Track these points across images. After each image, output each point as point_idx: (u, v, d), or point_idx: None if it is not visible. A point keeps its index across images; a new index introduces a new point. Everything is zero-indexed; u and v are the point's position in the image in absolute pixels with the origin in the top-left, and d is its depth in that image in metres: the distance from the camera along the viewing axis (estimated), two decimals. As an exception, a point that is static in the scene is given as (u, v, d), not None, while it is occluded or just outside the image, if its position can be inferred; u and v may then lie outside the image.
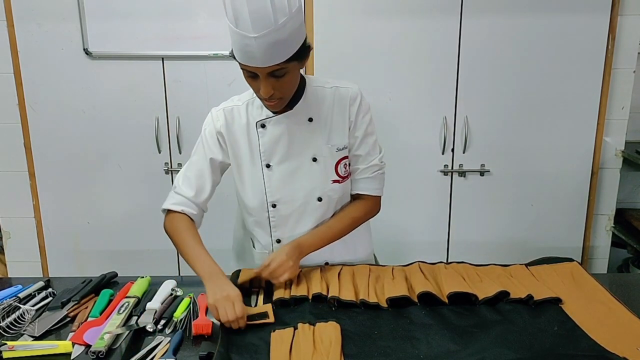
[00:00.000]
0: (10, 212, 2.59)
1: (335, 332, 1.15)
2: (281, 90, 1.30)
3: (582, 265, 1.50)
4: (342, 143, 1.44)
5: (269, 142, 1.42)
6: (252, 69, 1.25)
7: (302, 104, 1.41)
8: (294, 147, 1.43)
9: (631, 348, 1.09)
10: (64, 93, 2.43)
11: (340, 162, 1.44)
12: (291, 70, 1.28)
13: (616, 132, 2.46)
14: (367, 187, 1.49)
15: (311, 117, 1.42)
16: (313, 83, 1.44)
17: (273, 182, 1.44)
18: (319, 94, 1.43)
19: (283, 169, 1.43)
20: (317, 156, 1.43)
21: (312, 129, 1.43)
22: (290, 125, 1.41)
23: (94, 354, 1.10)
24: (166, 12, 2.32)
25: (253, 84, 1.31)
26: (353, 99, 1.43)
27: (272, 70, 1.24)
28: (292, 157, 1.43)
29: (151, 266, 2.59)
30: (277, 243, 1.50)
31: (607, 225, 2.58)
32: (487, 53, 2.37)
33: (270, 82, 1.27)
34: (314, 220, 1.47)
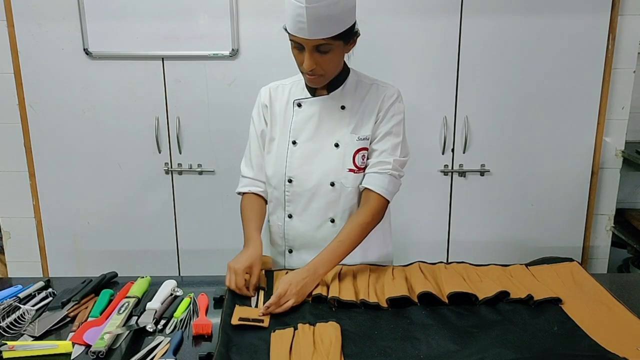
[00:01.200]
0: (10, 212, 2.59)
1: (335, 332, 1.15)
2: (323, 66, 1.36)
3: (582, 265, 1.50)
4: (365, 134, 1.48)
5: (301, 120, 1.50)
6: (300, 39, 1.31)
7: (340, 91, 1.48)
8: (321, 130, 1.49)
9: (631, 348, 1.09)
10: (64, 93, 2.43)
11: (358, 152, 1.48)
12: (335, 49, 1.34)
13: (616, 132, 2.46)
14: (371, 181, 1.47)
15: (344, 106, 1.49)
16: (356, 76, 1.51)
17: (295, 159, 1.49)
18: (359, 86, 1.50)
19: (306, 148, 1.49)
20: (340, 143, 1.48)
21: (342, 117, 1.48)
22: (323, 109, 1.49)
23: (94, 354, 1.10)
24: (166, 12, 2.32)
25: (298, 56, 1.38)
26: (389, 96, 1.49)
27: (318, 44, 1.31)
28: (317, 139, 1.49)
29: (151, 266, 2.59)
30: (289, 218, 1.54)
31: (607, 225, 2.58)
32: (487, 53, 2.37)
33: (314, 57, 1.33)
34: (324, 204, 1.50)
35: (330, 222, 1.52)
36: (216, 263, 2.56)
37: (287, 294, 1.28)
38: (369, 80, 1.52)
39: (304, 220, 1.53)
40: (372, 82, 1.52)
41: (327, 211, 1.51)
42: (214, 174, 2.53)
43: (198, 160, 2.51)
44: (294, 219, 1.54)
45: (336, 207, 1.51)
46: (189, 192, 2.55)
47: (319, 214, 1.52)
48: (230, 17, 2.32)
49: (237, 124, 2.46)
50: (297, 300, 1.29)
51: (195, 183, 2.54)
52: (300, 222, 1.54)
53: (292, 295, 1.29)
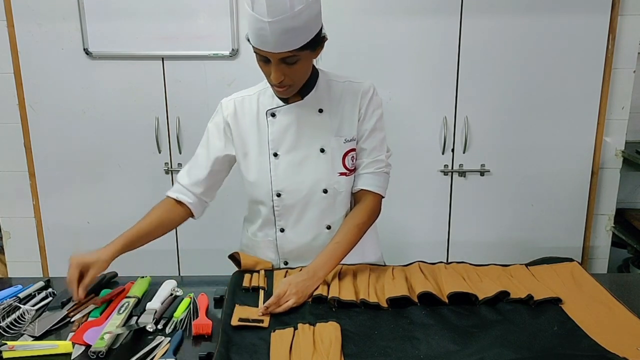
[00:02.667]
0: (10, 212, 2.59)
1: (335, 332, 1.15)
2: (292, 77, 1.31)
3: (582, 265, 1.50)
4: (351, 134, 1.44)
5: (278, 131, 1.43)
6: (265, 53, 1.27)
7: (313, 94, 1.43)
8: (303, 138, 1.43)
9: (631, 348, 1.09)
10: (64, 93, 2.43)
11: (347, 154, 1.44)
12: (303, 59, 1.30)
13: (616, 132, 2.46)
14: (369, 182, 1.46)
15: (321, 109, 1.44)
16: (326, 76, 1.46)
17: (279, 171, 1.44)
18: (332, 86, 1.45)
19: (290, 159, 1.44)
20: (325, 147, 1.43)
21: (322, 120, 1.44)
22: (300, 115, 1.43)
23: (94, 354, 1.10)
24: (166, 12, 2.32)
25: (265, 68, 1.33)
26: (365, 92, 1.44)
27: (284, 56, 1.26)
28: (300, 147, 1.44)
29: (151, 266, 2.58)
30: (280, 232, 1.50)
31: (607, 225, 2.58)
32: (487, 53, 2.37)
33: (281, 69, 1.29)
34: (318, 212, 1.46)
35: (326, 230, 1.49)
36: (216, 263, 2.55)
37: (287, 294, 1.28)
38: (340, 79, 1.46)
39: (298, 232, 1.49)
40: (344, 80, 1.46)
41: (322, 219, 1.48)
42: (214, 174, 2.52)
43: (198, 160, 2.50)
44: (287, 232, 1.49)
45: (331, 213, 1.47)
46: (189, 192, 2.54)
47: (313, 223, 1.48)
48: (230, 17, 2.32)
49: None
50: (297, 301, 1.28)
51: (195, 183, 2.53)
52: (294, 235, 1.49)
53: (291, 295, 1.28)
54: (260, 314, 1.24)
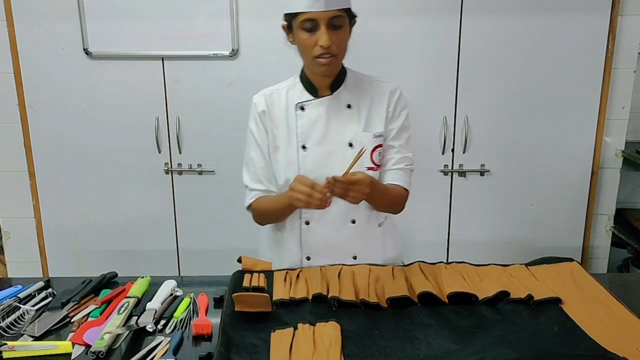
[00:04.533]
0: (10, 212, 2.59)
1: (335, 332, 1.15)
2: (337, 44, 1.35)
3: (582, 265, 1.50)
4: (379, 130, 1.48)
5: (307, 124, 1.47)
6: (314, 15, 1.31)
7: (342, 90, 1.47)
8: (331, 131, 1.46)
9: (631, 348, 1.09)
10: (64, 93, 2.43)
11: (375, 150, 1.47)
12: (345, 26, 1.36)
13: (616, 132, 2.46)
14: (399, 178, 1.50)
15: (350, 104, 1.47)
16: (354, 74, 1.52)
17: (307, 163, 1.46)
18: (360, 84, 1.50)
19: (318, 151, 1.46)
20: (353, 142, 1.45)
21: (350, 116, 1.47)
22: (329, 110, 1.46)
23: (94, 354, 1.10)
24: (166, 12, 2.32)
25: (309, 40, 1.35)
26: (393, 91, 1.50)
27: (333, 15, 1.31)
28: (328, 141, 1.46)
29: (151, 266, 2.59)
30: (306, 225, 1.51)
31: (607, 225, 2.58)
32: (487, 53, 2.37)
33: (329, 34, 1.33)
34: (344, 206, 1.46)
35: (351, 224, 1.51)
36: (216, 263, 2.57)
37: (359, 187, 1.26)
38: (366, 78, 1.52)
39: (323, 225, 1.51)
40: (370, 79, 1.52)
41: (347, 213, 1.50)
42: (214, 174, 2.53)
43: (198, 160, 2.51)
44: (312, 225, 1.51)
45: (357, 207, 1.49)
46: (189, 192, 2.55)
47: (339, 217, 1.50)
48: (230, 17, 2.32)
49: (237, 124, 2.45)
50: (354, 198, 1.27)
51: (195, 183, 2.54)
52: (319, 228, 1.51)
53: (359, 191, 1.26)
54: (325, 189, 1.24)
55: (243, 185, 1.56)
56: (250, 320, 1.22)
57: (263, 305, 1.25)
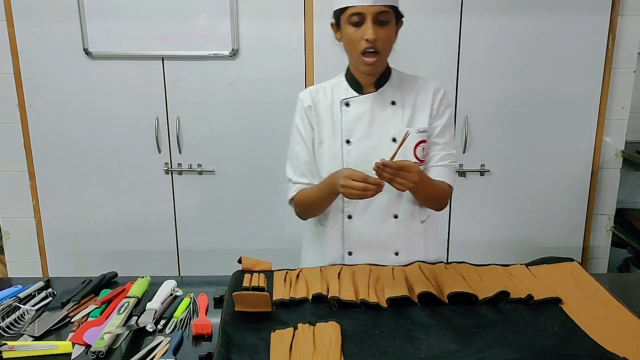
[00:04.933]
0: (10, 212, 2.59)
1: (335, 332, 1.15)
2: (382, 40, 1.38)
3: (582, 265, 1.50)
4: (423, 126, 1.49)
5: (351, 119, 1.49)
6: (362, 9, 1.35)
7: (387, 87, 1.50)
8: (375, 127, 1.48)
9: (631, 348, 1.09)
10: (64, 93, 2.43)
11: (419, 145, 1.48)
12: (392, 23, 1.40)
13: (616, 132, 2.46)
14: (444, 174, 1.52)
15: (394, 101, 1.50)
16: (398, 73, 1.55)
17: (351, 158, 1.48)
18: (404, 82, 1.53)
19: (362, 146, 1.48)
20: (397, 137, 1.47)
21: (394, 112, 1.50)
22: (373, 106, 1.49)
23: (94, 354, 1.10)
24: (166, 12, 2.32)
25: (355, 34, 1.38)
26: (437, 89, 1.53)
27: (380, 10, 1.35)
28: (372, 136, 1.48)
29: (151, 266, 2.59)
30: (348, 219, 1.53)
31: (607, 225, 2.58)
32: (487, 53, 2.37)
33: (375, 28, 1.36)
34: (387, 200, 1.49)
35: (393, 219, 1.52)
36: (216, 263, 2.57)
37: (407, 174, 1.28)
38: (410, 76, 1.55)
39: (365, 219, 1.52)
40: (414, 78, 1.55)
41: (390, 208, 1.51)
42: (214, 174, 2.53)
43: (198, 160, 2.51)
44: (354, 219, 1.52)
45: (399, 202, 1.51)
46: (189, 192, 2.55)
47: (381, 211, 1.51)
48: (230, 17, 2.32)
49: (237, 124, 2.47)
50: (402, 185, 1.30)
51: (195, 183, 2.54)
52: (361, 222, 1.52)
53: (408, 178, 1.29)
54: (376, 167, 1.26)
55: (286, 179, 1.58)
56: (250, 320, 1.22)
57: (263, 305, 1.25)
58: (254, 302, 1.25)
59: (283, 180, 1.61)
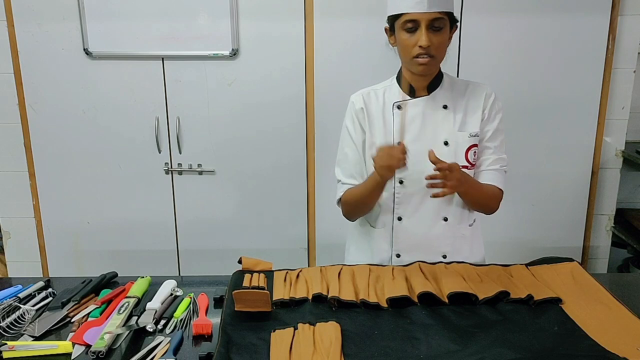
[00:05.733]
0: (10, 212, 2.59)
1: (335, 332, 1.15)
2: (436, 45, 1.39)
3: (582, 265, 1.50)
4: (475, 130, 1.51)
5: (404, 122, 1.49)
6: (416, 15, 1.36)
7: (439, 91, 1.51)
8: (427, 130, 1.49)
9: (631, 348, 1.09)
10: (64, 93, 2.43)
11: (470, 149, 1.50)
12: (446, 29, 1.40)
13: (616, 132, 2.46)
14: (495, 178, 1.53)
15: (446, 105, 1.50)
16: (450, 78, 1.56)
17: None
18: (455, 86, 1.54)
19: (414, 148, 1.46)
20: (449, 140, 1.48)
21: (446, 116, 1.50)
22: (425, 109, 1.50)
23: (94, 354, 1.10)
24: (166, 12, 2.32)
25: (410, 40, 1.40)
26: (489, 94, 1.54)
27: (434, 17, 1.36)
28: (424, 139, 1.49)
29: (151, 266, 2.59)
30: (398, 220, 1.53)
31: (607, 225, 2.58)
32: (487, 53, 2.37)
33: (429, 35, 1.37)
34: (437, 203, 1.50)
35: (443, 221, 1.53)
36: (216, 263, 2.57)
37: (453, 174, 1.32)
38: (461, 81, 1.56)
39: (415, 221, 1.52)
40: (466, 82, 1.56)
41: (440, 210, 1.52)
42: (214, 174, 2.53)
43: (198, 160, 2.51)
44: (404, 221, 1.53)
45: (449, 205, 1.52)
46: (189, 192, 2.55)
47: (431, 213, 1.52)
48: (230, 17, 2.32)
49: (237, 124, 2.47)
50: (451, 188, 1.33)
51: (195, 183, 2.54)
52: (411, 224, 1.52)
53: (454, 179, 1.32)
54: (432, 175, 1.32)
55: (335, 180, 1.59)
56: (250, 320, 1.22)
57: (263, 303, 1.25)
58: (254, 300, 1.25)
59: (283, 180, 1.61)
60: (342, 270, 1.44)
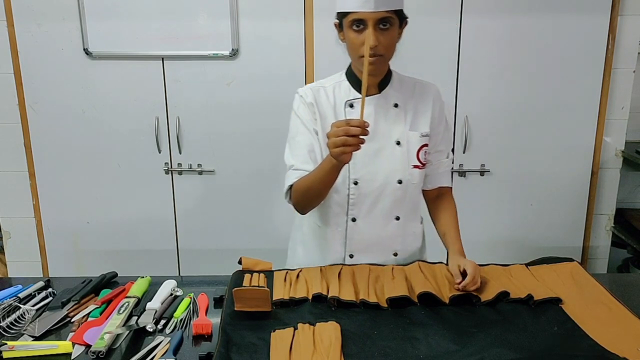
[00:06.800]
0: (10, 212, 2.59)
1: (335, 332, 1.15)
2: (384, 44, 1.37)
3: (582, 265, 1.50)
4: (426, 130, 1.51)
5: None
6: (363, 15, 1.33)
7: (389, 89, 1.50)
8: (379, 129, 1.47)
9: (631, 348, 1.09)
10: (64, 93, 2.43)
11: (422, 149, 1.50)
12: (394, 27, 1.38)
13: (616, 132, 2.47)
14: (448, 179, 1.60)
15: (397, 103, 1.49)
16: (398, 75, 1.54)
17: (357, 160, 1.45)
18: (404, 84, 1.53)
19: (367, 149, 1.43)
20: (401, 140, 1.48)
21: (397, 114, 1.49)
22: (377, 108, 1.48)
23: (94, 354, 1.10)
24: (166, 12, 2.32)
25: (357, 39, 1.37)
26: (437, 94, 1.55)
27: (382, 17, 1.33)
28: (377, 139, 1.47)
29: (151, 266, 2.59)
30: (352, 222, 1.51)
31: (607, 225, 2.58)
32: (487, 53, 2.37)
33: (376, 34, 1.34)
34: (390, 203, 1.49)
35: (395, 220, 1.53)
36: (216, 263, 2.57)
37: (477, 278, 1.33)
38: (409, 78, 1.55)
39: (369, 222, 1.51)
40: (413, 80, 1.55)
41: (392, 210, 1.51)
42: (214, 174, 2.53)
43: (198, 160, 2.51)
44: (359, 222, 1.51)
45: (402, 204, 1.52)
46: (189, 192, 2.55)
47: (385, 213, 1.51)
48: (230, 17, 2.32)
49: (237, 124, 2.47)
50: None
51: (195, 183, 2.54)
52: (365, 224, 1.51)
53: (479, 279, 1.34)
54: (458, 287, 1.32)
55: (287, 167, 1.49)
56: (250, 320, 1.22)
57: (263, 302, 1.25)
58: (254, 299, 1.25)
59: (282, 180, 1.60)
60: (342, 270, 1.44)
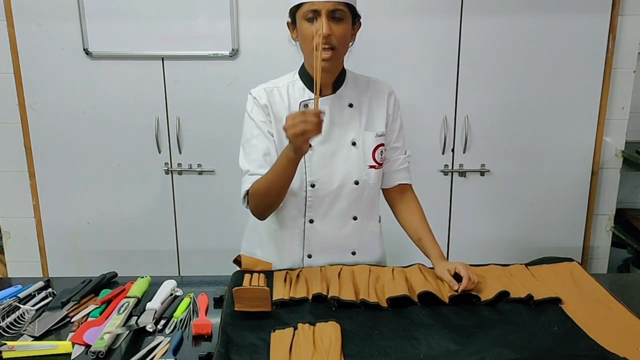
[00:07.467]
0: (10, 212, 2.59)
1: (335, 332, 1.15)
2: (337, 36, 1.36)
3: (582, 265, 1.50)
4: (381, 130, 1.51)
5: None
6: (317, 5, 1.33)
7: (343, 89, 1.49)
8: (335, 130, 1.47)
9: (631, 348, 1.09)
10: (64, 93, 2.43)
11: (377, 149, 1.50)
12: (347, 21, 1.38)
13: (616, 132, 2.46)
14: (407, 176, 1.60)
15: (352, 103, 1.49)
16: (352, 74, 1.53)
17: (313, 162, 1.45)
18: (358, 83, 1.52)
19: (323, 150, 1.46)
20: (356, 141, 1.48)
21: (352, 115, 1.49)
22: (331, 109, 1.47)
23: (94, 354, 1.10)
24: (166, 12, 2.32)
25: (309, 29, 1.36)
26: (390, 93, 1.54)
27: (334, 8, 1.34)
28: (332, 140, 1.47)
29: (151, 266, 2.59)
30: (309, 223, 1.51)
31: (607, 225, 2.58)
32: (487, 53, 2.37)
33: (329, 25, 1.34)
34: (347, 203, 1.49)
35: (352, 220, 1.53)
36: (216, 263, 2.56)
37: (472, 277, 1.34)
38: (362, 77, 1.54)
39: (327, 223, 1.51)
40: (367, 79, 1.54)
41: (350, 210, 1.51)
42: (214, 174, 2.53)
43: (198, 160, 2.51)
44: (316, 224, 1.51)
45: (359, 205, 1.52)
46: (189, 192, 2.55)
47: (342, 214, 1.51)
48: (230, 17, 2.32)
49: (237, 124, 2.45)
50: None
51: (195, 183, 2.54)
52: (322, 226, 1.51)
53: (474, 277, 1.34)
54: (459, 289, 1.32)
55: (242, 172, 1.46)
56: (250, 320, 1.22)
57: (263, 302, 1.25)
58: (254, 299, 1.25)
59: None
60: (342, 270, 1.44)
